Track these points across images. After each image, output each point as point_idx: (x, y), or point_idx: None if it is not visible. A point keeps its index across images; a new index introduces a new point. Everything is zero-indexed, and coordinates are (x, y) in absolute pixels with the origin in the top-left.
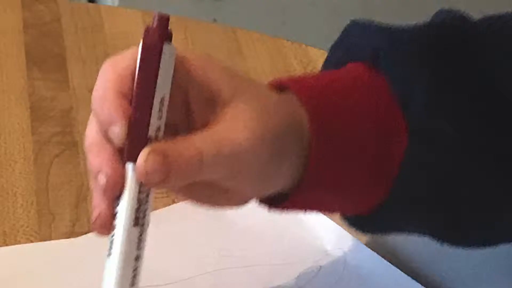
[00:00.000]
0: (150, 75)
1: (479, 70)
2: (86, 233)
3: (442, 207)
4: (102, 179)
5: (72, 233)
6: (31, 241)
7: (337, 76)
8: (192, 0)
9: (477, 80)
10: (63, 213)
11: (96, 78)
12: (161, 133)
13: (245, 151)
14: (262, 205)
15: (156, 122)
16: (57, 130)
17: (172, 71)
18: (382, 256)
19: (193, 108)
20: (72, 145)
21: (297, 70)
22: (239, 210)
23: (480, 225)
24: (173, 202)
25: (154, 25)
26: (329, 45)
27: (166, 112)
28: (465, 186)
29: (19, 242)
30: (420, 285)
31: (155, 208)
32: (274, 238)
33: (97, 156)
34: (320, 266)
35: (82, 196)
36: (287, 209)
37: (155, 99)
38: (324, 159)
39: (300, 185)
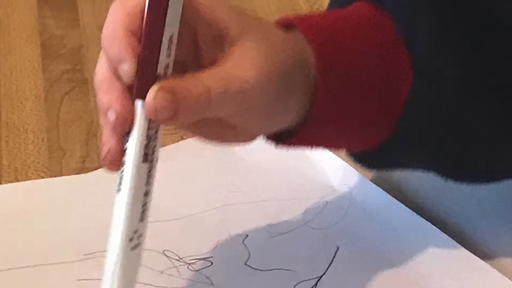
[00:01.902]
0: (159, 13)
1: (481, 9)
2: (96, 169)
3: (445, 145)
4: (111, 115)
5: (82, 169)
6: (42, 177)
7: (343, 14)
8: None
9: (480, 19)
10: (73, 149)
11: (106, 16)
12: (169, 71)
13: (252, 88)
14: (269, 142)
15: (165, 59)
16: (67, 67)
17: (180, 10)
18: (387, 192)
19: (201, 46)
20: (82, 83)
21: (303, 8)
22: (246, 147)
23: (483, 161)
24: (182, 138)
25: None
26: None
27: (174, 50)
28: (468, 125)
29: (30, 178)
30: (424, 220)
31: (164, 145)
32: (281, 174)
33: (106, 93)
34: (326, 202)
35: (92, 133)
36: (293, 146)
37: (164, 37)
38: (330, 96)
39: (306, 121)
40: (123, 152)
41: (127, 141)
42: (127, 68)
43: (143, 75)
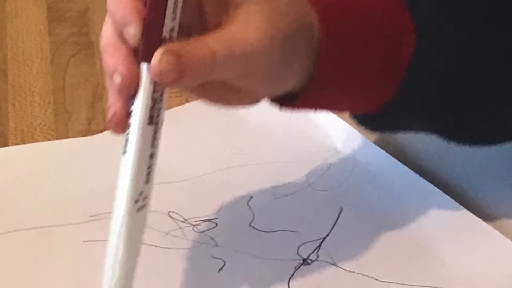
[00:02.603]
0: None
1: None
2: (101, 131)
3: (447, 108)
4: (117, 78)
5: (88, 131)
6: (48, 139)
7: None
8: None
9: None
10: (79, 111)
11: None
12: (175, 34)
13: (256, 51)
14: (273, 105)
15: (170, 23)
16: (73, 30)
17: None
18: (390, 154)
19: (206, 9)
20: (88, 46)
21: None
22: (251, 109)
23: (485, 124)
24: (187, 101)
25: None
26: None
27: (180, 14)
28: (470, 88)
29: (37, 140)
30: (427, 181)
31: (169, 107)
32: (285, 136)
33: (112, 56)
34: (330, 164)
35: (97, 95)
36: (297, 108)
37: (169, 0)
38: (334, 58)
39: (310, 84)
40: (128, 114)
41: (132, 104)
42: (133, 31)
43: (149, 38)
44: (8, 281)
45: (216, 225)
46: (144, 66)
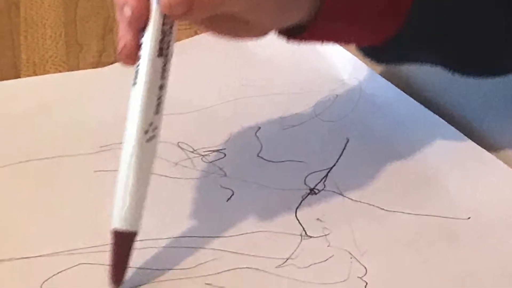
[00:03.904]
0: None
1: None
2: (112, 63)
3: (453, 39)
4: (127, 11)
5: (99, 63)
6: (60, 71)
7: None
8: None
9: None
10: (90, 43)
11: None
12: None
13: None
14: (281, 37)
15: None
16: None
17: None
18: (396, 86)
19: None
20: None
21: None
22: (259, 41)
23: (489, 56)
24: (196, 33)
25: None
26: None
27: None
28: (475, 19)
29: (48, 72)
30: (432, 112)
31: (178, 40)
32: (293, 68)
33: None
34: (337, 95)
35: (108, 28)
36: (304, 41)
37: None
38: None
39: (317, 17)
40: (138, 46)
41: (142, 36)
42: None
43: None
44: (20, 210)
45: (225, 155)
46: None
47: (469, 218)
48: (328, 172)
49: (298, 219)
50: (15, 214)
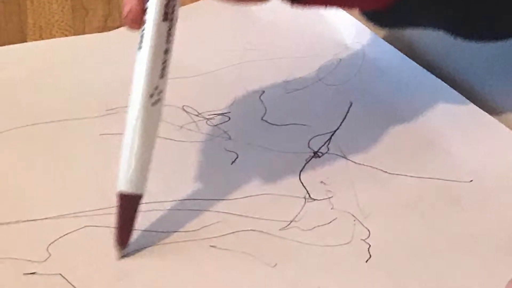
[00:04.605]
0: None
1: None
2: (117, 27)
3: (456, 3)
4: None
5: (104, 28)
6: (66, 35)
7: None
8: None
9: None
10: (96, 8)
11: None
12: None
13: None
14: (285, 2)
15: None
16: None
17: None
18: (399, 50)
19: None
20: None
21: None
22: (263, 6)
23: (491, 19)
24: None
25: None
26: None
27: None
28: None
29: (54, 36)
30: (434, 76)
31: (183, 4)
32: (296, 33)
33: None
34: (340, 59)
35: None
36: (308, 5)
37: None
38: None
39: None
40: (144, 11)
41: (147, 1)
42: None
43: None
44: (26, 173)
45: (229, 118)
46: None
47: (471, 181)
48: (332, 135)
49: (302, 182)
50: (22, 177)
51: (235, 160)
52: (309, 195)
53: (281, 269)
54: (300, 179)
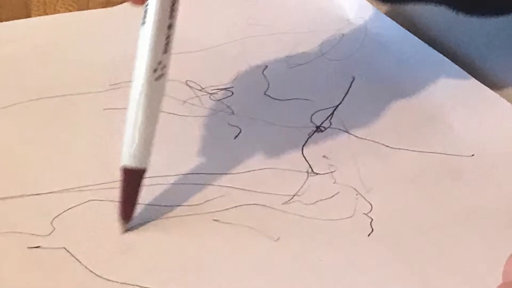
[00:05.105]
0: None
1: None
2: (121, 2)
3: None
4: None
5: (108, 3)
6: (70, 11)
7: None
8: None
9: None
10: None
11: None
12: None
13: None
14: None
15: None
16: None
17: None
18: (401, 25)
19: None
20: None
21: None
22: None
23: None
24: None
25: None
26: None
27: None
28: None
29: (58, 12)
30: (436, 51)
31: None
32: (299, 8)
33: None
34: (343, 34)
35: None
36: None
37: None
38: None
39: None
40: None
41: None
42: None
43: None
44: (31, 147)
45: (232, 93)
46: None
47: (472, 155)
48: (334, 110)
49: (304, 156)
50: (26, 152)
51: (238, 134)
52: (312, 169)
53: (283, 243)
54: (302, 153)
